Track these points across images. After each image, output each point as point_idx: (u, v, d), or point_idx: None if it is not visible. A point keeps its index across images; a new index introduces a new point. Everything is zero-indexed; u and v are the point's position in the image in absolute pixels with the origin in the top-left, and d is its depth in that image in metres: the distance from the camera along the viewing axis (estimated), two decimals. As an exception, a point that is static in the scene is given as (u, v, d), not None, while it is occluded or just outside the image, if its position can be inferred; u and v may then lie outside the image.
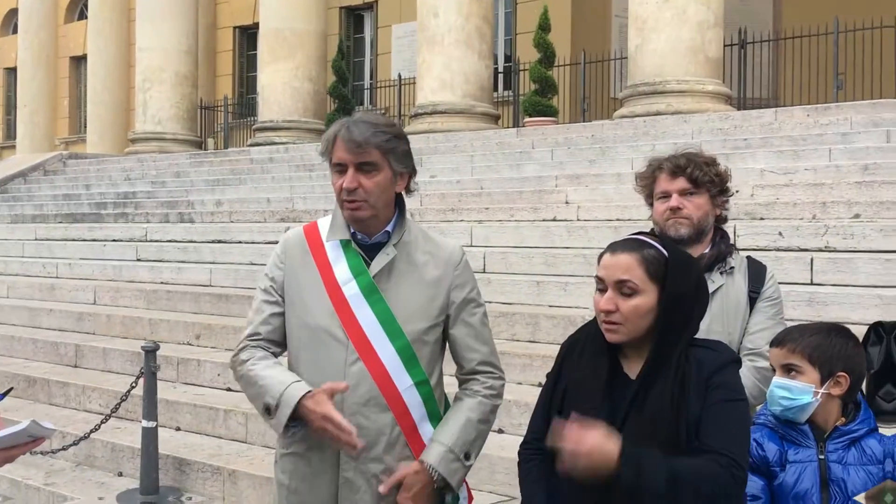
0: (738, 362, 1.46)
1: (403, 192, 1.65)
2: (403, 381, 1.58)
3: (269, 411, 1.56)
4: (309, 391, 1.53)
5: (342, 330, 1.58)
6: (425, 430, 1.62)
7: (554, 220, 5.43)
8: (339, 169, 1.59)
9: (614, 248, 1.45)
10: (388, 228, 1.64)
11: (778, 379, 1.59)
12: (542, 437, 1.49)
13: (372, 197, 1.59)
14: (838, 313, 3.52)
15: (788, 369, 1.59)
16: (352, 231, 1.64)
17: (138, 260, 6.81)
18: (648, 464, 1.31)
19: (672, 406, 1.36)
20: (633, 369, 1.44)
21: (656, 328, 1.41)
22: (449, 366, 1.70)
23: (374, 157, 1.57)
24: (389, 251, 1.61)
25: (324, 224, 1.68)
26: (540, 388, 1.58)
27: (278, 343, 1.66)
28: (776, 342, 1.63)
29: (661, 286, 1.41)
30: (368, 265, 1.61)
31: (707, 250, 1.92)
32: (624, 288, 1.41)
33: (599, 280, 1.45)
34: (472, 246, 5.19)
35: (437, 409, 1.65)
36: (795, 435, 1.58)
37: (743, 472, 1.35)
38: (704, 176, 1.90)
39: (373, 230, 1.63)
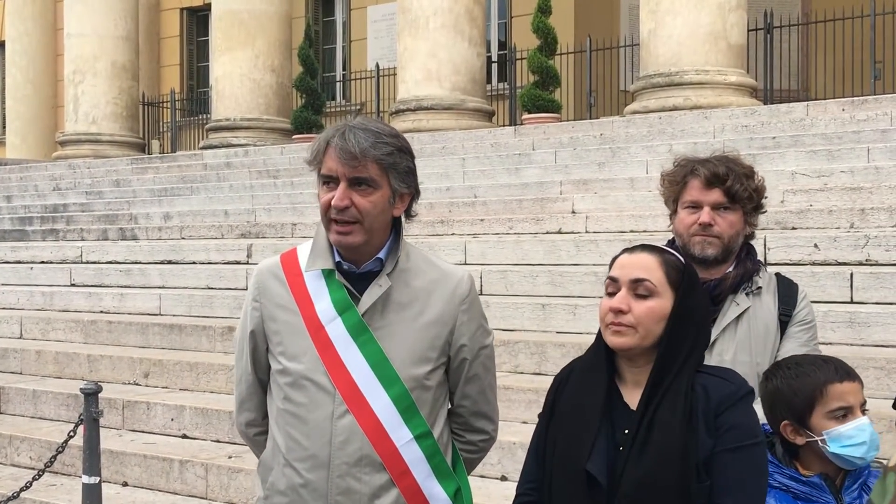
0: (752, 394, 1.50)
1: (402, 216, 1.63)
2: (401, 435, 1.58)
3: None
4: None
5: (328, 377, 1.58)
6: (433, 491, 1.61)
7: (559, 232, 5.52)
8: (328, 182, 1.56)
9: (632, 249, 1.53)
10: (381, 255, 1.61)
11: (867, 421, 1.61)
12: (539, 486, 1.53)
13: (367, 219, 1.56)
14: (883, 335, 3.61)
15: (864, 408, 1.63)
16: (337, 259, 1.61)
17: (72, 285, 6.78)
18: None
19: (680, 445, 1.40)
20: (632, 398, 1.48)
21: (662, 343, 1.45)
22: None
23: (373, 172, 1.55)
24: (383, 282, 1.59)
25: (303, 251, 1.65)
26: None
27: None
28: (847, 375, 1.63)
29: (677, 296, 1.47)
30: (357, 299, 1.59)
31: (731, 269, 1.91)
32: (640, 288, 1.46)
33: (612, 282, 1.49)
34: (466, 264, 5.23)
35: (444, 465, 1.64)
36: (809, 491, 1.62)
37: None
38: (744, 191, 1.89)
39: (362, 258, 1.61)
